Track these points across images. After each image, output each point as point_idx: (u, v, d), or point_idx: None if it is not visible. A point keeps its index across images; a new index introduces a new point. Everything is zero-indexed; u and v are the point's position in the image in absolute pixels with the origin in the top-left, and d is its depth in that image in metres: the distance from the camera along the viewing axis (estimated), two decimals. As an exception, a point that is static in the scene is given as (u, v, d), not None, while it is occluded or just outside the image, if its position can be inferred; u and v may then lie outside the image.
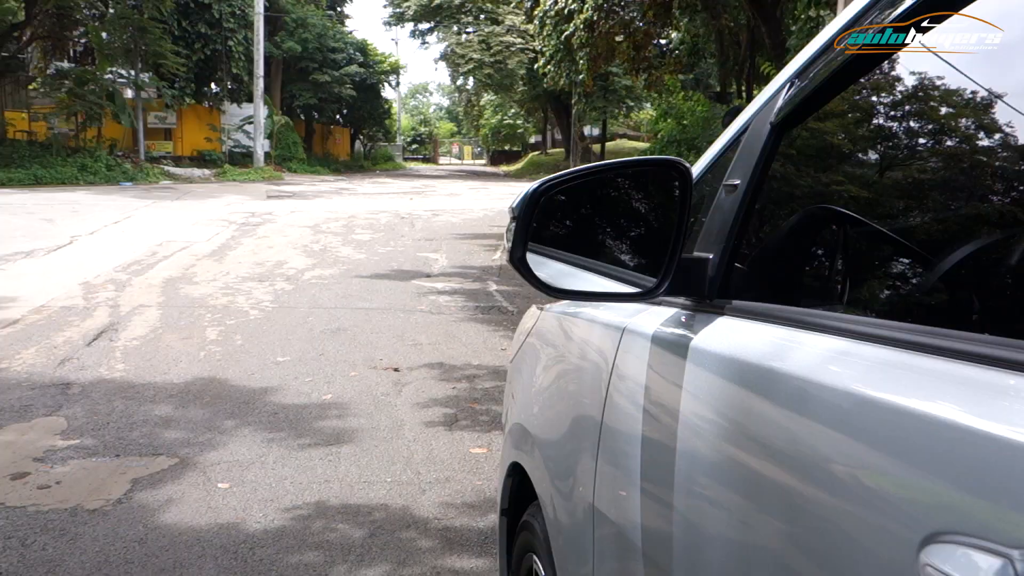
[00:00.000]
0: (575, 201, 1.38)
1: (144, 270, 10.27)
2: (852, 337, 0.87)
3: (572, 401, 1.71)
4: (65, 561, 3.12)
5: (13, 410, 4.93)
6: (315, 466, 4.15)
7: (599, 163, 1.38)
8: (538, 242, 1.31)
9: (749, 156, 1.20)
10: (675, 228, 1.19)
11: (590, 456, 1.47)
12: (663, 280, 1.18)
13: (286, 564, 3.13)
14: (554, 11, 25.47)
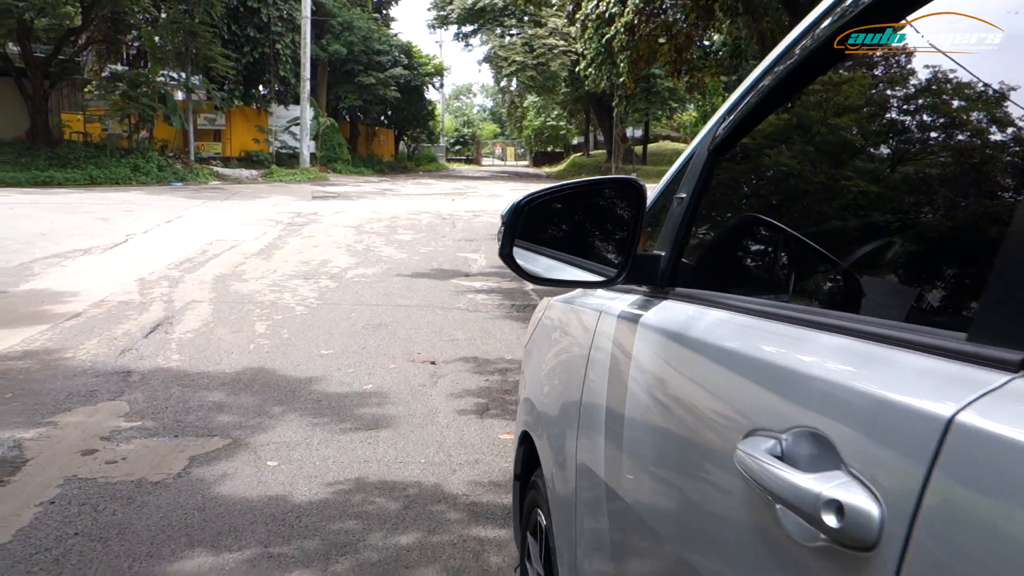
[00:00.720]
0: (557, 210, 1.72)
1: (196, 267, 10.74)
2: (735, 311, 1.21)
3: (565, 374, 2.05)
4: (133, 524, 3.51)
5: (80, 395, 5.35)
6: (355, 448, 4.51)
7: (573, 181, 1.71)
8: (531, 241, 1.65)
9: (693, 175, 1.53)
10: (631, 231, 1.52)
11: (575, 420, 1.80)
12: (620, 272, 1.50)
13: (328, 530, 3.49)
14: (595, 14, 25.71)
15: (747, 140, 1.48)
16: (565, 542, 1.87)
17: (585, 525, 1.72)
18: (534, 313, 2.65)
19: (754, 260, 1.53)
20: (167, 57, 29.80)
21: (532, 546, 2.33)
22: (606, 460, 1.57)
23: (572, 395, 1.84)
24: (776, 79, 1.32)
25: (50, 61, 26.54)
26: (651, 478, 1.35)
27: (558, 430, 1.99)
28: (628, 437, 1.45)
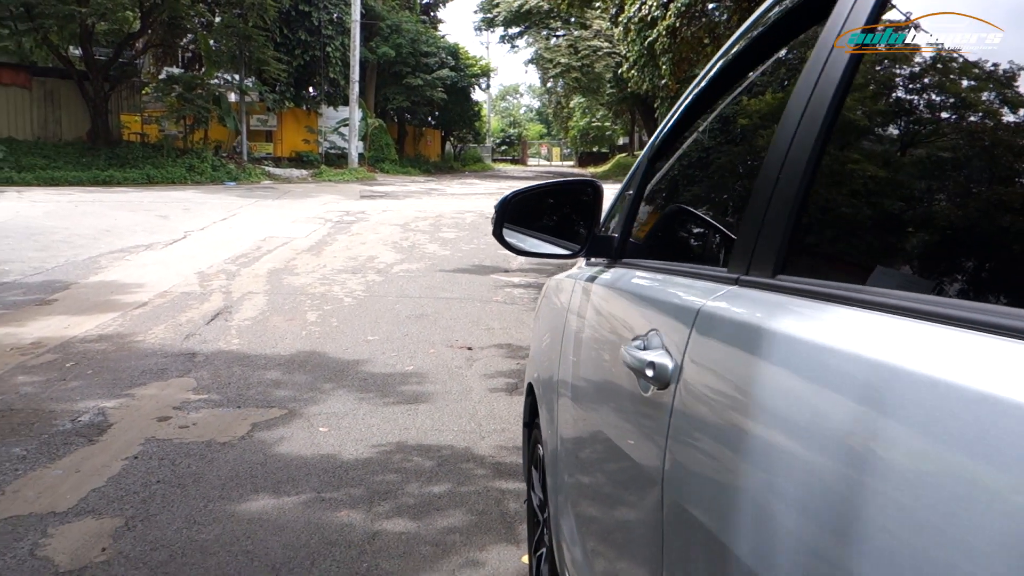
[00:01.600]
0: (538, 203, 2.26)
1: (251, 262, 11.41)
2: (652, 270, 1.74)
3: (549, 328, 2.59)
4: (206, 474, 4.10)
5: (152, 372, 5.98)
6: (397, 418, 5.07)
7: (549, 182, 2.24)
8: (519, 226, 2.19)
9: (636, 177, 2.07)
10: (592, 217, 2.06)
11: (556, 367, 2.34)
12: (583, 247, 2.05)
13: (372, 481, 4.05)
14: (637, 17, 26.04)
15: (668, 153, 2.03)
16: (551, 467, 2.41)
17: (561, 450, 2.26)
18: (542, 289, 3.18)
19: (675, 237, 2.05)
20: (221, 60, 30.67)
21: (534, 475, 2.87)
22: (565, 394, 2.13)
23: (555, 351, 2.39)
24: (686, 107, 1.85)
25: (110, 65, 27.55)
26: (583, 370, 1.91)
27: (546, 376, 2.53)
28: (577, 361, 2.01)
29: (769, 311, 1.07)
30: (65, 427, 4.75)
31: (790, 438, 0.92)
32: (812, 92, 1.13)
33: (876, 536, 0.71)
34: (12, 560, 3.20)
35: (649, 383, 1.34)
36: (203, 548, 3.33)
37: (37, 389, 5.47)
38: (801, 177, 1.10)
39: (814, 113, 1.11)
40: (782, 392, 0.96)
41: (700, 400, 1.20)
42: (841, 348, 0.88)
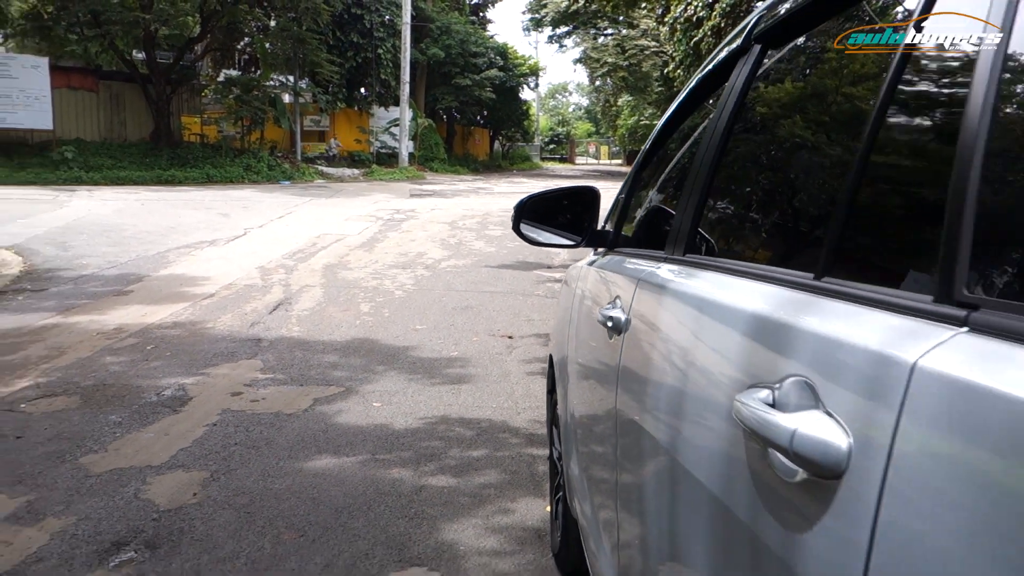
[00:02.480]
0: (550, 203, 2.81)
1: (307, 257, 12.10)
2: (627, 256, 2.30)
3: (565, 309, 3.17)
4: (276, 439, 4.73)
5: (223, 355, 6.64)
6: (442, 395, 5.67)
7: (558, 187, 2.80)
8: (535, 221, 2.75)
9: (628, 182, 2.63)
10: (591, 215, 2.62)
11: (565, 338, 2.91)
12: (583, 239, 2.61)
13: (419, 446, 4.65)
14: (683, 17, 26.46)
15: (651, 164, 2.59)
16: (562, 421, 2.98)
17: (569, 408, 2.82)
18: (564, 276, 3.75)
19: (648, 229, 2.59)
20: (277, 62, 31.60)
21: (554, 433, 3.45)
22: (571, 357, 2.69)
23: (564, 319, 2.96)
24: (660, 130, 2.41)
25: (172, 68, 28.61)
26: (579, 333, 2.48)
27: (558, 347, 3.10)
28: (577, 328, 2.57)
29: (673, 277, 1.64)
30: (152, 399, 5.41)
31: (674, 345, 1.50)
32: (716, 125, 1.70)
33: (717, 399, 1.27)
34: (121, 501, 3.84)
35: (611, 332, 1.91)
36: (277, 495, 3.96)
37: (124, 368, 6.16)
38: (703, 186, 1.67)
39: (712, 141, 1.68)
40: (676, 321, 1.54)
41: (637, 337, 1.77)
42: (700, 292, 1.46)
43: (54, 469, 4.22)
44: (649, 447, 1.55)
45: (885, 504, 0.77)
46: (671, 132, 2.40)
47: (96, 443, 4.60)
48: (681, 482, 1.34)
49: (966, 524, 0.67)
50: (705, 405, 1.26)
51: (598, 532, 2.09)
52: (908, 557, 0.74)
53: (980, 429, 0.69)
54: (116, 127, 28.85)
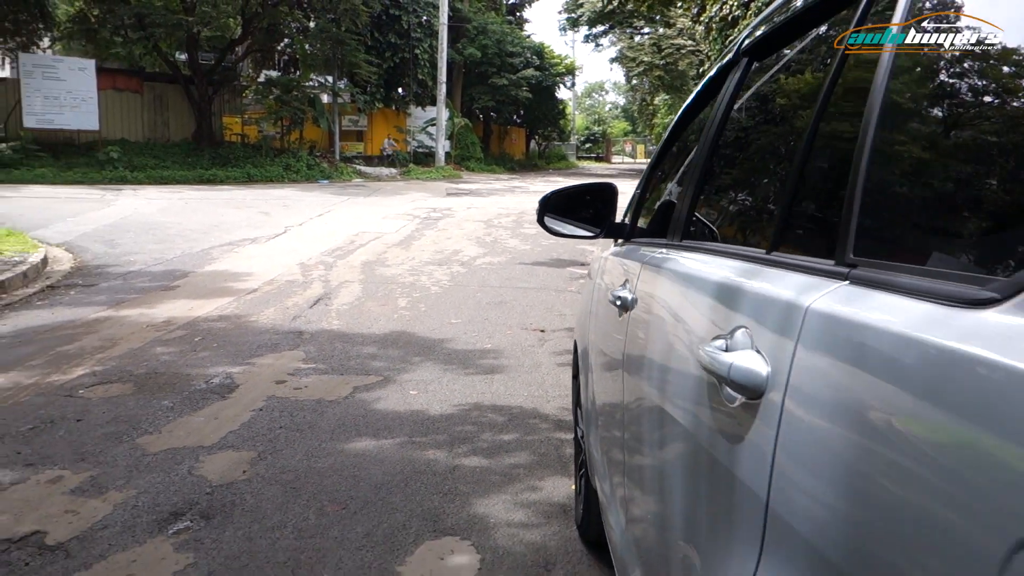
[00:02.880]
0: (572, 198, 3.04)
1: (346, 255, 12.42)
2: (639, 245, 2.53)
3: (587, 295, 3.41)
4: (318, 423, 5.01)
5: (267, 346, 6.95)
6: (475, 384, 5.92)
7: (580, 183, 3.03)
8: (558, 214, 2.98)
9: (643, 179, 2.86)
10: (609, 209, 2.85)
11: (587, 322, 3.14)
12: (601, 231, 2.84)
13: (453, 430, 4.91)
14: (719, 17, 26.51)
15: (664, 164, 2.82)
16: (586, 411, 3.21)
17: (592, 398, 3.06)
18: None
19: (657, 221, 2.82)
20: (316, 63, 32.13)
21: (579, 414, 3.68)
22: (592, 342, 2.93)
23: (586, 305, 3.20)
24: (671, 131, 2.64)
25: (214, 69, 29.21)
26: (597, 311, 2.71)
27: (581, 332, 3.34)
28: (595, 310, 2.81)
29: (669, 258, 1.89)
30: (201, 387, 5.72)
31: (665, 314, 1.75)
32: (709, 129, 1.93)
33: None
34: (176, 477, 4.14)
35: (620, 311, 2.15)
36: (320, 472, 4.23)
37: (174, 358, 6.48)
38: (696, 182, 1.91)
39: (704, 143, 1.92)
40: (666, 294, 1.80)
41: (639, 313, 2.01)
42: (685, 270, 1.72)
43: (113, 448, 4.53)
44: (647, 409, 1.78)
45: (785, 411, 1.05)
46: (678, 134, 2.63)
47: (151, 426, 4.91)
48: (668, 435, 1.58)
49: (840, 418, 0.93)
50: (683, 360, 1.51)
51: (616, 508, 2.32)
52: (798, 451, 1.01)
53: (845, 347, 0.97)
54: (159, 127, 29.49)
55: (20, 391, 5.54)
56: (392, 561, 3.32)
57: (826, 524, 0.90)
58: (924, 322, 0.82)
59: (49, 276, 10.21)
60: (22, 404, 5.27)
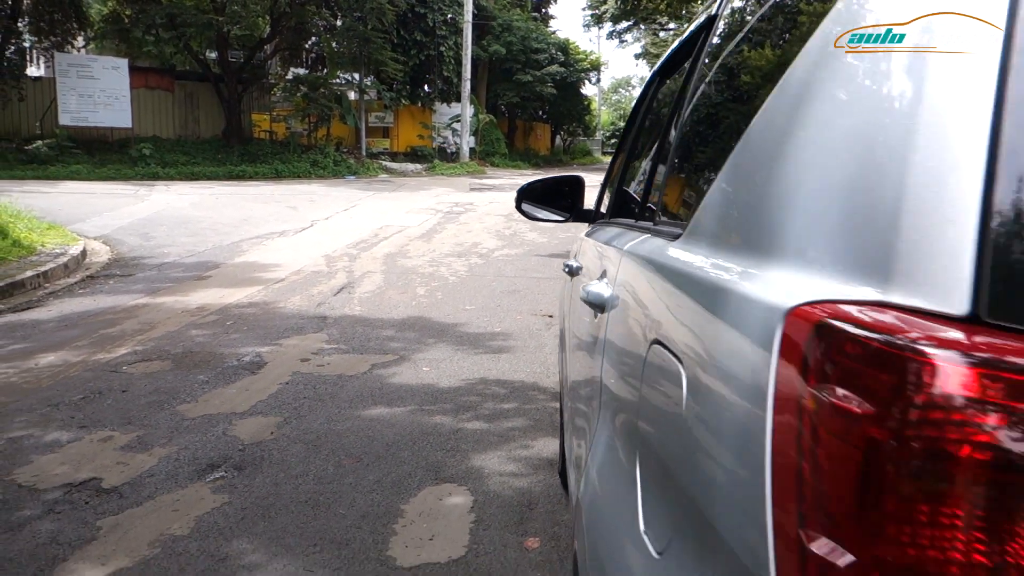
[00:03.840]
0: (546, 188, 3.54)
1: (369, 247, 12.99)
2: (599, 225, 3.03)
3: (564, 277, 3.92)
4: (339, 394, 5.55)
5: (293, 329, 7.50)
6: (484, 362, 6.45)
7: (552, 175, 3.53)
8: (534, 201, 3.47)
9: (610, 169, 3.36)
10: (576, 196, 3.35)
11: (564, 299, 3.65)
12: (570, 216, 3.34)
13: (459, 400, 5.44)
14: (739, 14, 26.79)
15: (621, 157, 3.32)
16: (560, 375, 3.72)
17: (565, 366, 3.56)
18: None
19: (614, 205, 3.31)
20: (343, 61, 32.71)
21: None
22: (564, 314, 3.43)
23: (563, 287, 3.71)
24: (624, 132, 3.14)
25: (243, 67, 29.89)
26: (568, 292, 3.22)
27: (560, 313, 3.85)
28: (567, 290, 3.33)
29: (598, 233, 2.41)
30: (232, 364, 6.28)
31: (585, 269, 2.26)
32: (634, 131, 2.43)
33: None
34: (212, 437, 4.69)
35: (570, 276, 2.65)
36: (339, 434, 4.77)
37: (207, 339, 7.05)
38: (622, 172, 2.41)
39: (627, 142, 2.42)
40: (587, 256, 2.31)
41: (578, 276, 2.52)
42: (599, 237, 2.24)
43: (156, 414, 5.09)
44: (575, 347, 2.30)
45: (609, 316, 1.62)
46: (625, 133, 3.12)
47: (188, 396, 5.47)
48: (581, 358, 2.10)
49: (624, 310, 1.53)
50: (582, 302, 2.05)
51: (567, 441, 2.83)
52: (611, 344, 1.59)
53: (629, 266, 1.56)
54: (190, 125, 30.24)
55: (70, 367, 6.12)
56: (398, 501, 3.85)
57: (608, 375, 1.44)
58: (656, 249, 1.36)
59: (88, 267, 10.84)
60: (72, 378, 5.85)
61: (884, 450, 0.66)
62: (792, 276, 0.89)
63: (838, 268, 0.82)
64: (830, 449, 0.71)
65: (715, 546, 0.94)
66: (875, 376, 0.67)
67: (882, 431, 0.66)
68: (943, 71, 0.79)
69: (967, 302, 0.68)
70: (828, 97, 0.95)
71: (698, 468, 1.03)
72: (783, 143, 1.00)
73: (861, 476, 0.67)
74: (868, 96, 0.89)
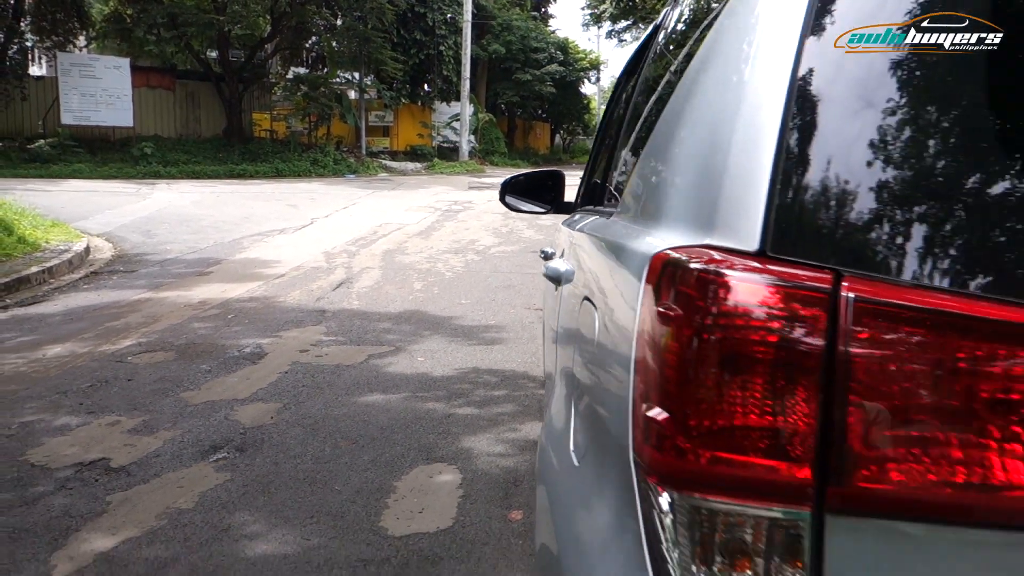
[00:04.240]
0: (530, 181, 3.75)
1: (368, 244, 13.21)
2: (581, 212, 3.25)
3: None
4: (336, 382, 5.77)
5: (293, 322, 7.72)
6: (476, 353, 6.66)
7: (535, 170, 3.75)
8: (517, 194, 3.69)
9: (585, 170, 3.58)
10: (558, 190, 3.57)
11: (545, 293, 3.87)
12: (552, 208, 3.55)
13: (452, 387, 5.66)
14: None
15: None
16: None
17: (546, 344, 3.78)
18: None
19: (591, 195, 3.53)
20: (343, 60, 32.96)
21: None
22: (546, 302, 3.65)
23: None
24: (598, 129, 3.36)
25: (244, 67, 30.12)
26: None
27: (543, 300, 4.07)
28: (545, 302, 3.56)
29: (569, 220, 2.63)
30: (234, 354, 6.50)
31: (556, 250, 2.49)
32: (604, 129, 2.65)
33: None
34: (214, 421, 4.91)
35: (543, 260, 2.88)
36: (336, 418, 4.99)
37: (209, 331, 7.27)
38: (590, 165, 2.63)
39: (601, 138, 2.65)
40: (560, 240, 2.54)
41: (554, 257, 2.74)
42: (568, 224, 2.44)
43: (160, 401, 5.31)
44: (549, 320, 2.52)
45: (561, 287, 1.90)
46: (598, 133, 3.35)
47: (192, 384, 5.69)
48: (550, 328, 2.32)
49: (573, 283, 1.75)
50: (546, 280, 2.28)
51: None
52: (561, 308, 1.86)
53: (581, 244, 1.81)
54: (191, 124, 30.48)
55: (76, 358, 6.34)
56: (390, 479, 4.08)
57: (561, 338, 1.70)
58: (599, 224, 1.59)
59: (92, 263, 11.06)
60: (79, 368, 6.07)
61: (696, 342, 0.92)
62: (664, 234, 1.18)
63: (690, 226, 1.10)
64: (664, 343, 0.97)
65: (607, 443, 1.23)
66: (693, 291, 0.94)
67: (695, 328, 0.93)
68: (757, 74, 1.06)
69: (758, 242, 0.94)
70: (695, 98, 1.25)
71: (601, 384, 1.34)
72: (671, 136, 1.28)
73: (681, 361, 0.94)
74: (717, 99, 1.16)
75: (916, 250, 0.87)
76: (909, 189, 0.90)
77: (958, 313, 0.82)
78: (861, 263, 0.88)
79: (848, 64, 0.98)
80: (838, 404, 0.84)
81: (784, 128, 0.96)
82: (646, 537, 1.00)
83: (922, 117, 0.93)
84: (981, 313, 0.82)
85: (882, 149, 0.92)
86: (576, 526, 1.33)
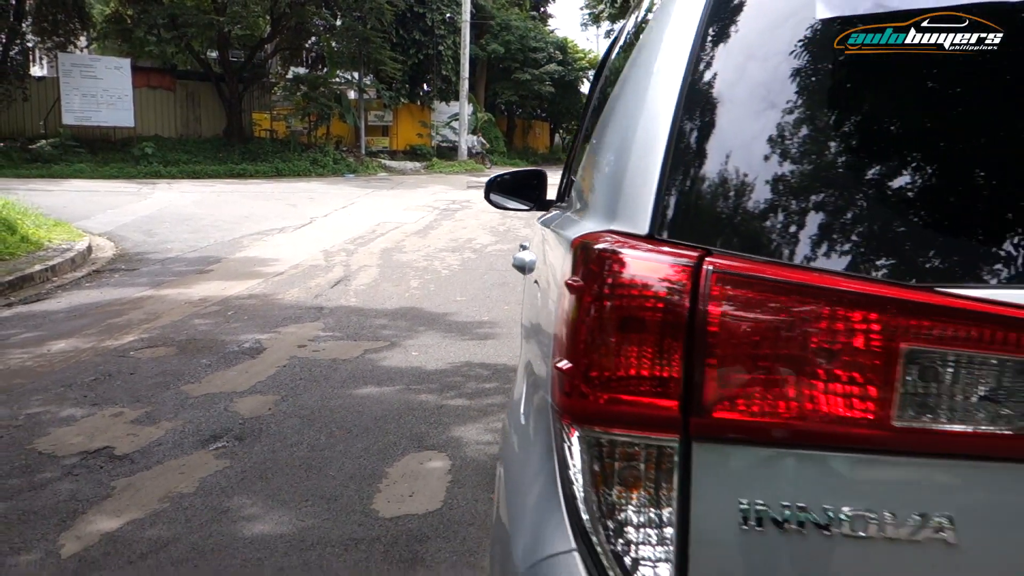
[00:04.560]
0: (514, 180, 3.93)
1: (366, 243, 13.38)
2: (553, 209, 3.43)
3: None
4: (333, 375, 5.95)
5: (292, 319, 7.90)
6: (470, 348, 6.84)
7: (520, 169, 3.91)
8: (502, 192, 3.86)
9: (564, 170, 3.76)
10: (541, 188, 3.74)
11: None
12: (535, 206, 3.72)
13: (444, 380, 5.84)
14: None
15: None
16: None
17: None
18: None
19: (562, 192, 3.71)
20: (343, 60, 33.13)
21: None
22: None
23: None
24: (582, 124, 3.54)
25: (244, 67, 30.31)
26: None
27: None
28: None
29: (544, 217, 2.80)
30: (233, 349, 6.68)
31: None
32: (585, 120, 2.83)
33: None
34: (214, 412, 5.09)
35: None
36: (331, 409, 5.17)
37: (210, 328, 7.44)
38: (568, 161, 2.81)
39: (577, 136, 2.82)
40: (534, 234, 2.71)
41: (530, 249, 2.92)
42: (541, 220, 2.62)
43: (162, 393, 5.49)
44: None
45: (529, 277, 2.06)
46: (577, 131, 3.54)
47: (192, 377, 5.87)
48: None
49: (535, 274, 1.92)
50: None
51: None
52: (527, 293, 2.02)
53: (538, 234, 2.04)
54: (191, 124, 30.66)
55: (80, 353, 6.52)
56: (382, 465, 4.26)
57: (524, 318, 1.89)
58: (557, 218, 1.77)
59: (94, 262, 11.24)
60: (83, 362, 6.25)
61: (594, 306, 1.13)
62: (587, 223, 1.39)
63: (603, 216, 1.31)
64: (571, 308, 1.18)
65: (543, 404, 1.43)
66: (594, 266, 1.14)
67: (594, 295, 1.14)
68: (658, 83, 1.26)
69: (648, 227, 1.14)
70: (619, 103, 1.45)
71: (538, 352, 1.56)
72: (602, 137, 1.46)
73: (583, 321, 1.14)
74: (632, 104, 1.35)
75: (772, 233, 1.08)
76: (769, 185, 1.11)
77: (793, 282, 1.03)
78: (729, 244, 1.09)
79: (728, 75, 1.18)
80: (698, 353, 1.05)
81: (673, 132, 1.16)
82: (558, 467, 1.22)
83: (782, 120, 1.14)
84: (810, 281, 1.03)
85: (751, 151, 1.13)
86: (517, 477, 1.53)
